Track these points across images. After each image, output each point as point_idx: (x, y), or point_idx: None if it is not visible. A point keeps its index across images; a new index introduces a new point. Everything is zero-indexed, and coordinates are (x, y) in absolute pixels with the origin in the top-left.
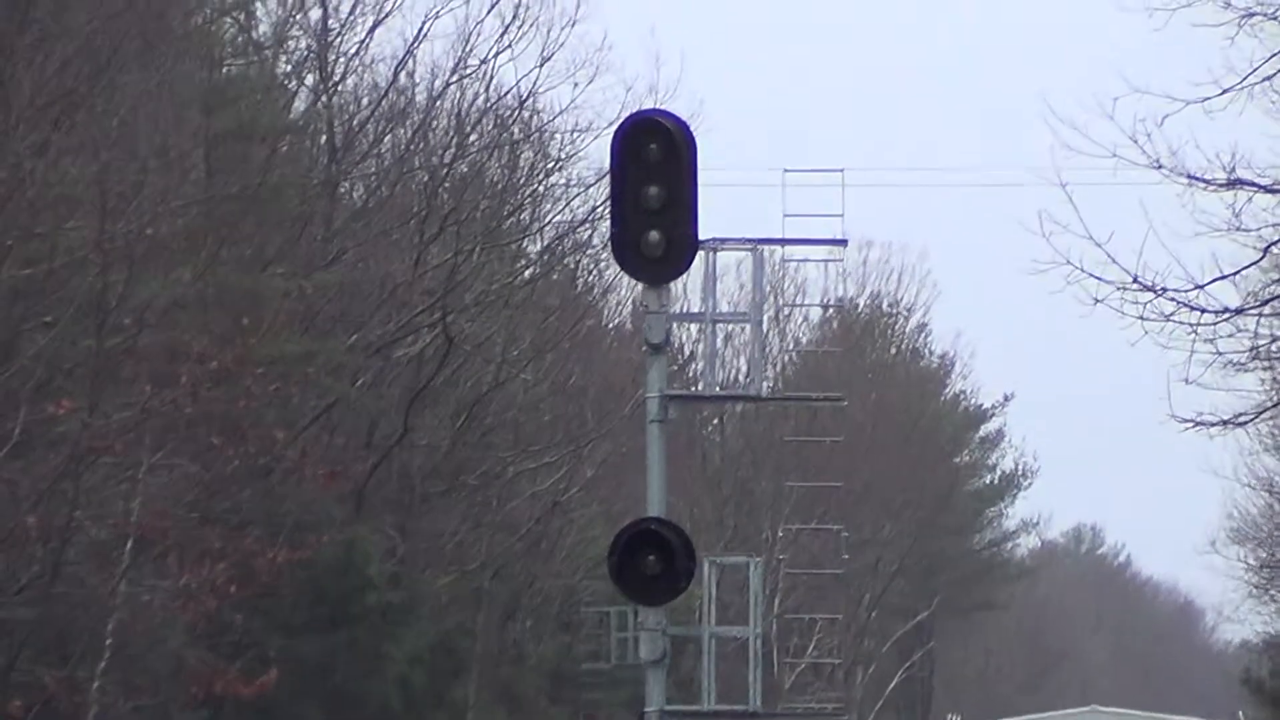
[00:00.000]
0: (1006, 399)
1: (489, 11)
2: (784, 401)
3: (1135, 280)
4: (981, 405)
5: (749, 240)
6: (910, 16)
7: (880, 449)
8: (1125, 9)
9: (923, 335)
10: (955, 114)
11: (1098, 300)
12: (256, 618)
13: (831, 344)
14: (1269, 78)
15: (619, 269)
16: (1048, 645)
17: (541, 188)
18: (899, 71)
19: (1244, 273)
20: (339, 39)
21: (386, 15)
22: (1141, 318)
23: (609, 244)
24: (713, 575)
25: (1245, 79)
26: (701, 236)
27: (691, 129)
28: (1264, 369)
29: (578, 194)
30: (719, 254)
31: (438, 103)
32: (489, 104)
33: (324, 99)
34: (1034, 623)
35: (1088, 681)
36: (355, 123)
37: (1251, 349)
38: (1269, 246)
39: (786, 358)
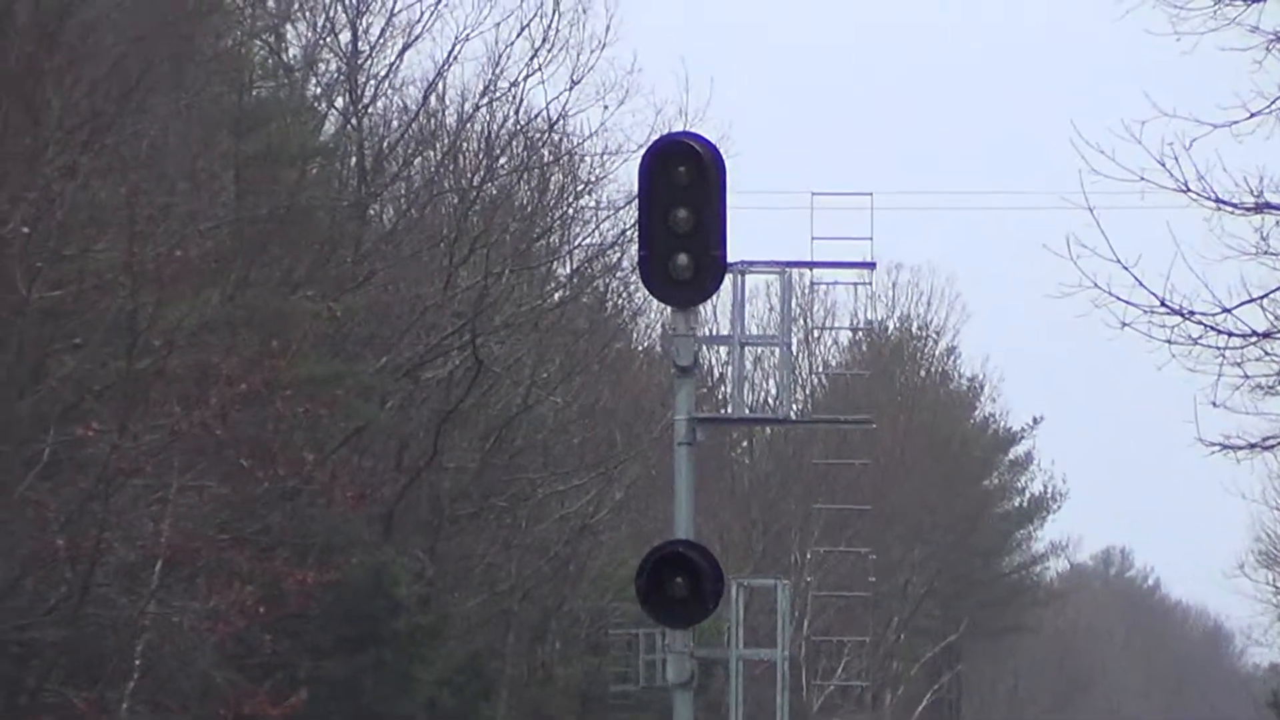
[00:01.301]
0: (1035, 422)
1: (519, 35)
2: (813, 424)
3: (1163, 303)
4: (1010, 428)
5: (778, 263)
6: (938, 40)
7: (909, 472)
8: (1152, 33)
9: (952, 358)
10: (984, 137)
11: (1125, 324)
12: (285, 639)
13: (860, 367)
14: None
15: (648, 292)
16: (1076, 668)
17: (571, 210)
18: (928, 94)
19: (1272, 296)
20: (369, 61)
21: (416, 38)
22: (1169, 341)
23: (638, 267)
24: (741, 598)
25: (1273, 103)
26: (730, 259)
27: (720, 152)
28: None
29: (607, 217)
30: (748, 277)
31: (467, 125)
32: (519, 127)
33: (354, 121)
34: (1063, 646)
35: (1116, 705)
36: (385, 145)
37: (1279, 372)
38: None
39: (815, 380)
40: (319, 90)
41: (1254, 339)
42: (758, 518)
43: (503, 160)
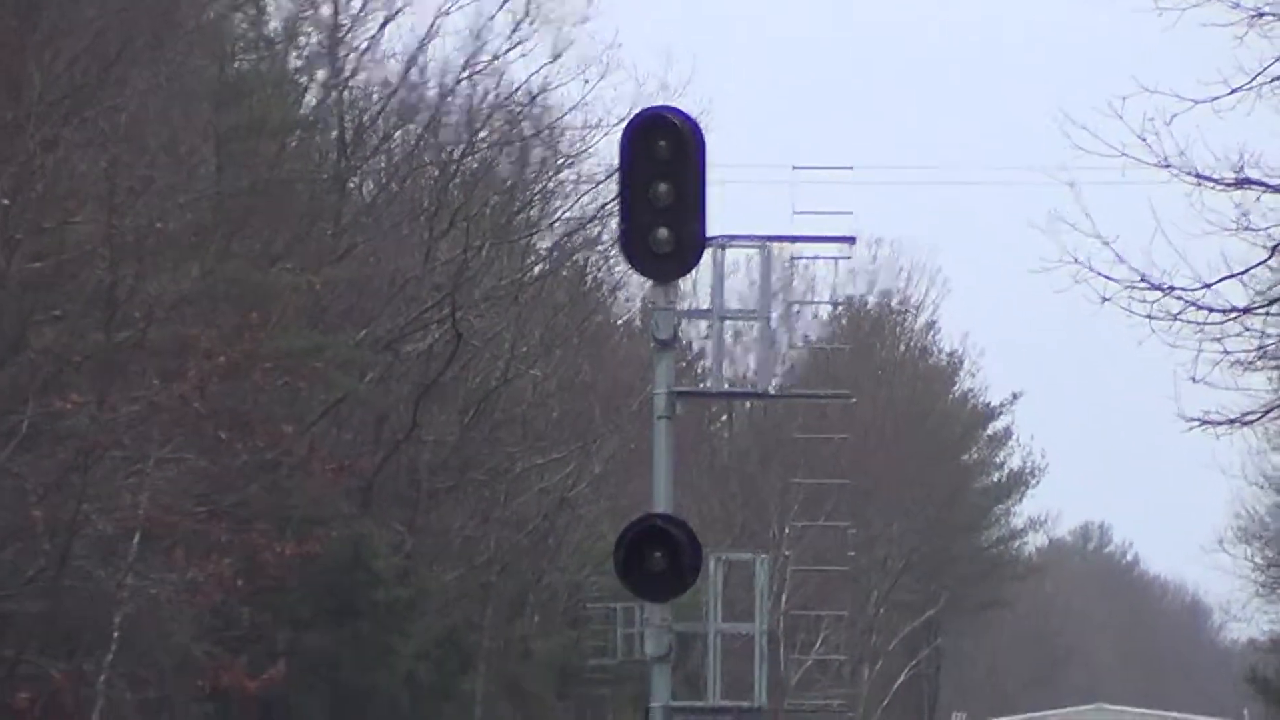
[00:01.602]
0: (1015, 397)
1: (500, 8)
2: (792, 399)
3: (1143, 279)
4: (990, 403)
5: (758, 237)
6: (920, 16)
7: (888, 446)
8: (1135, 9)
9: (931, 333)
10: (965, 112)
11: (1105, 299)
12: (264, 612)
13: (840, 341)
14: (1277, 78)
15: (628, 265)
16: (1055, 643)
17: (551, 184)
18: (909, 70)
19: (1252, 272)
20: (350, 34)
21: (398, 11)
22: (1149, 316)
23: (618, 240)
24: (719, 572)
25: (1254, 79)
26: (710, 233)
27: (701, 126)
28: (1272, 368)
29: (587, 190)
30: (728, 251)
31: (448, 99)
32: (500, 100)
33: (335, 94)
34: (1041, 620)
35: (1094, 679)
36: (366, 118)
37: (1259, 348)
38: (1277, 246)
39: (795, 355)
40: (300, 63)
41: (1234, 314)
42: (736, 492)
43: (483, 134)
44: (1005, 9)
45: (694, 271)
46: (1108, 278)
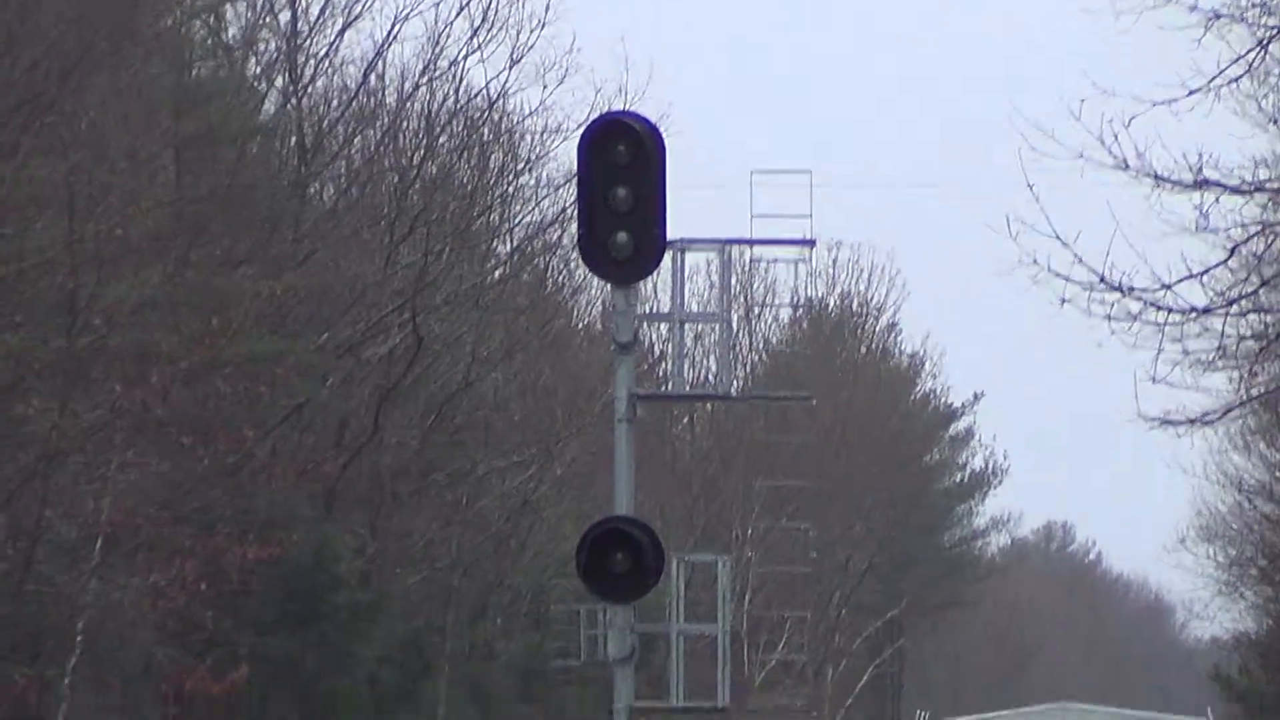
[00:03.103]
0: (976, 398)
1: (458, 14)
2: (753, 401)
3: (1102, 280)
4: (951, 404)
5: (717, 240)
6: (878, 20)
7: (850, 448)
8: (1091, 11)
9: (892, 335)
10: (923, 115)
11: (1065, 300)
12: (226, 616)
13: (801, 344)
14: (1235, 80)
15: (588, 270)
16: (1018, 642)
17: (511, 189)
18: (866, 74)
19: (1211, 273)
20: (309, 41)
21: (356, 18)
22: (1109, 317)
23: (578, 245)
24: (681, 573)
25: (1212, 81)
26: (670, 237)
27: (660, 130)
28: (1231, 368)
29: (547, 195)
30: (688, 254)
31: (407, 104)
32: (459, 105)
33: (294, 101)
34: (1004, 620)
35: (1058, 678)
36: (325, 124)
37: (1219, 348)
38: (1236, 246)
39: (756, 357)
40: (259, 70)
41: (1193, 315)
42: (698, 494)
43: (443, 139)
44: (962, 13)
45: (654, 275)
46: (1067, 279)
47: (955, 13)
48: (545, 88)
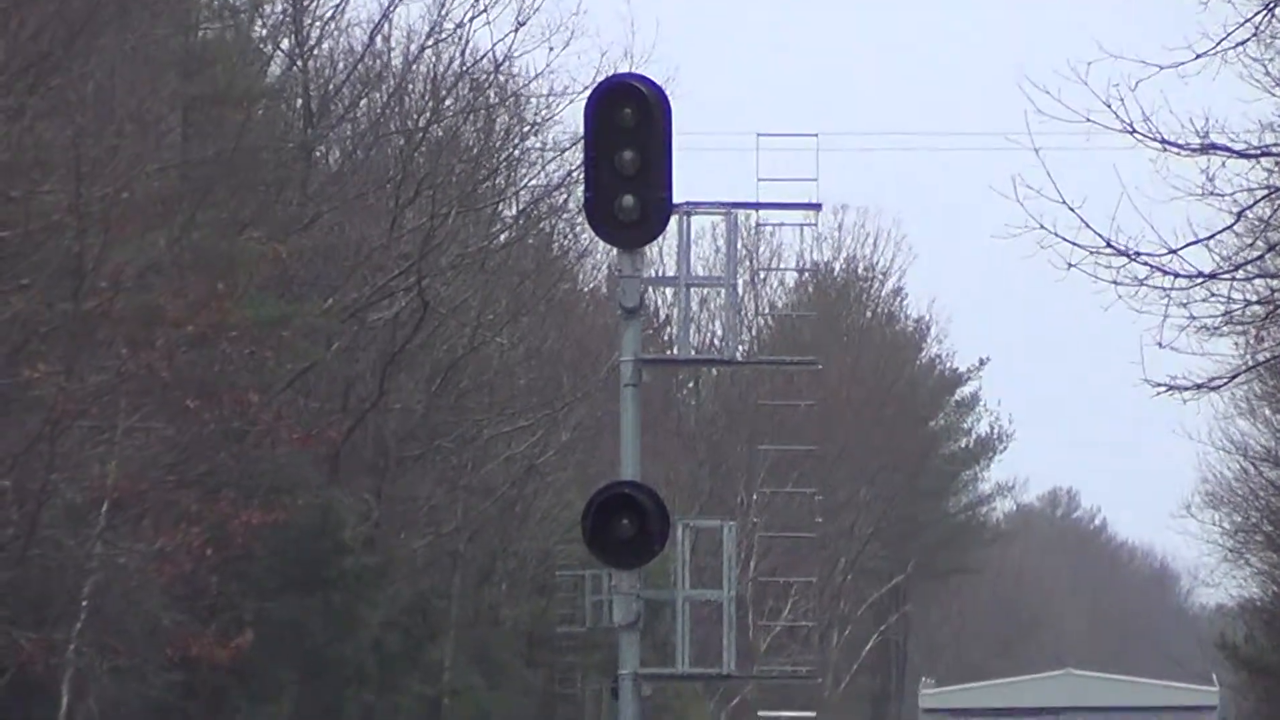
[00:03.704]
0: (982, 363)
1: None
2: (758, 365)
3: (1108, 244)
4: (957, 369)
5: (723, 204)
6: None
7: (855, 413)
8: None
9: (898, 299)
10: (930, 78)
11: (1071, 265)
12: (232, 580)
13: (806, 308)
14: (1243, 43)
15: (594, 233)
16: (1023, 609)
17: (517, 152)
18: (873, 36)
19: (1218, 237)
20: (314, 3)
21: None
22: (1115, 282)
23: (583, 208)
24: (687, 538)
25: (1219, 44)
26: (676, 200)
27: (666, 93)
28: (1237, 333)
29: (553, 158)
30: (694, 218)
31: (413, 67)
32: (464, 68)
33: (299, 63)
34: (1010, 586)
35: (1063, 645)
36: (331, 87)
37: (1225, 313)
38: (1242, 211)
39: (761, 321)
40: (265, 32)
41: (1200, 280)
42: (704, 459)
43: (448, 102)
44: None
45: (660, 239)
46: (1073, 243)
47: None
48: (551, 50)
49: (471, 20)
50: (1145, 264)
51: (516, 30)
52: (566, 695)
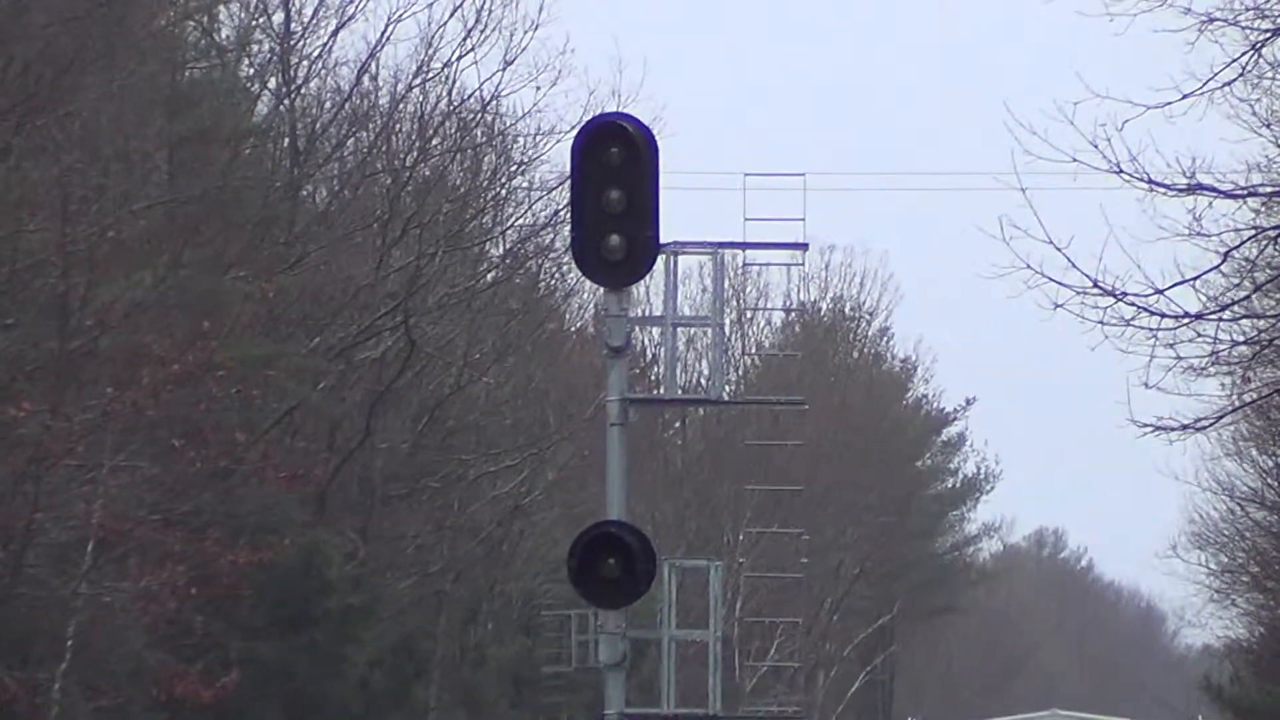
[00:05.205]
0: (968, 403)
1: (452, 15)
2: (745, 405)
3: (1095, 285)
4: (943, 409)
5: (710, 244)
6: (871, 23)
7: (842, 453)
8: (1085, 14)
9: (885, 339)
10: (917, 118)
11: (1058, 305)
12: (217, 620)
13: (793, 348)
14: (1229, 83)
15: (580, 273)
16: (1010, 649)
17: (504, 191)
18: (860, 77)
19: (1204, 277)
20: (302, 42)
21: (350, 18)
22: (1102, 322)
23: (570, 247)
24: (673, 578)
25: (1205, 84)
26: (663, 240)
27: (653, 132)
28: (1224, 374)
29: (540, 197)
30: (680, 258)
31: (400, 106)
32: (452, 107)
33: (287, 102)
34: (996, 627)
35: (1049, 685)
36: (318, 126)
37: (1212, 353)
38: (1229, 251)
39: (748, 361)
40: (252, 71)
41: (1186, 320)
42: (690, 498)
43: (436, 141)
44: (956, 14)
45: (647, 278)
46: (1060, 283)
47: (949, 15)
48: (538, 89)
49: (459, 59)
50: (1132, 304)
51: (504, 70)
52: None
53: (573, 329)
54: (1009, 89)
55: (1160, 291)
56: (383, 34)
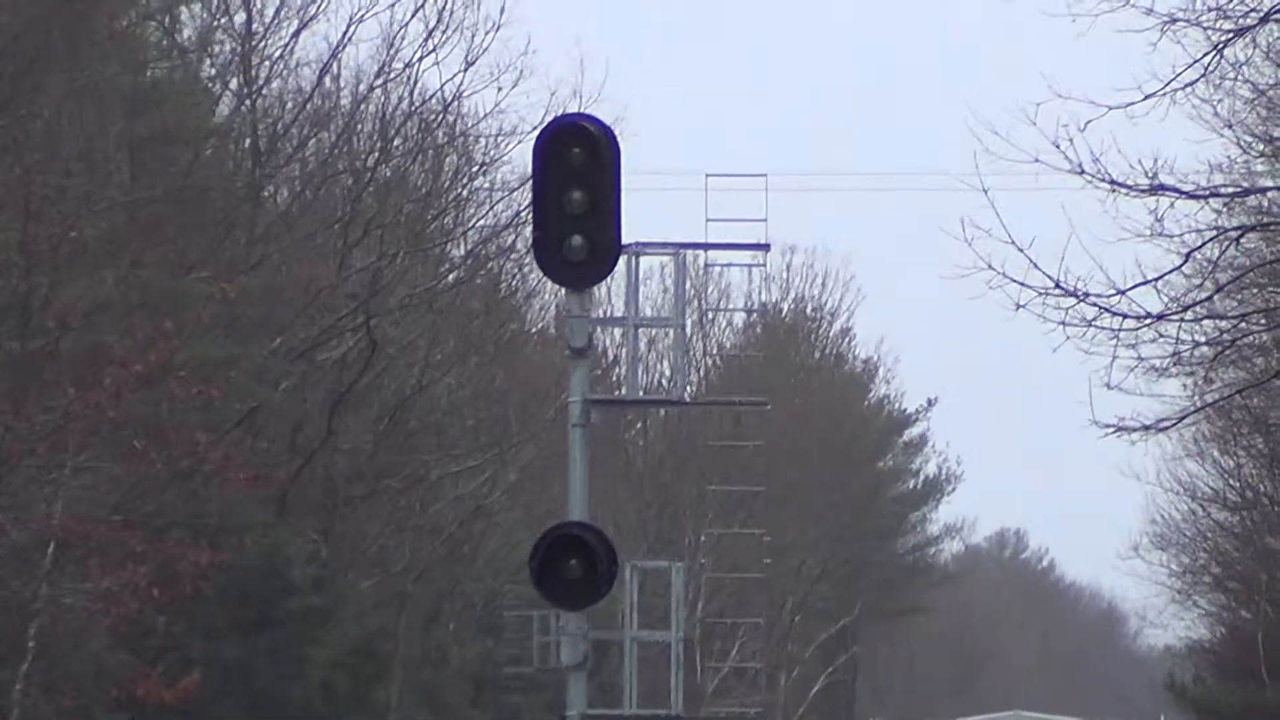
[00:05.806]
0: (930, 404)
1: (413, 16)
2: (707, 406)
3: (1057, 285)
4: (905, 410)
5: (672, 245)
6: (831, 22)
7: (803, 453)
8: (1048, 14)
9: (846, 340)
10: (878, 118)
11: (1020, 305)
12: (179, 621)
13: (755, 348)
14: (1191, 84)
15: (542, 273)
16: (972, 650)
17: (465, 192)
18: (821, 76)
19: (1166, 278)
20: (263, 43)
21: (311, 19)
22: (1064, 323)
23: (532, 248)
24: (635, 579)
25: (1168, 85)
26: (625, 241)
27: (615, 133)
28: (1186, 374)
29: (501, 198)
30: (642, 258)
31: (362, 107)
32: (413, 108)
33: (248, 103)
34: (958, 627)
35: (1012, 686)
36: (279, 126)
37: (1173, 354)
38: (1191, 252)
39: (710, 362)
40: (213, 71)
41: (1148, 321)
42: (652, 499)
43: (397, 142)
44: (914, 13)
45: (609, 279)
46: (1022, 284)
47: (910, 14)
48: (500, 90)
49: (420, 60)
50: (1094, 305)
51: (465, 70)
52: None
53: (534, 330)
54: (971, 89)
55: (1122, 292)
56: (344, 34)
